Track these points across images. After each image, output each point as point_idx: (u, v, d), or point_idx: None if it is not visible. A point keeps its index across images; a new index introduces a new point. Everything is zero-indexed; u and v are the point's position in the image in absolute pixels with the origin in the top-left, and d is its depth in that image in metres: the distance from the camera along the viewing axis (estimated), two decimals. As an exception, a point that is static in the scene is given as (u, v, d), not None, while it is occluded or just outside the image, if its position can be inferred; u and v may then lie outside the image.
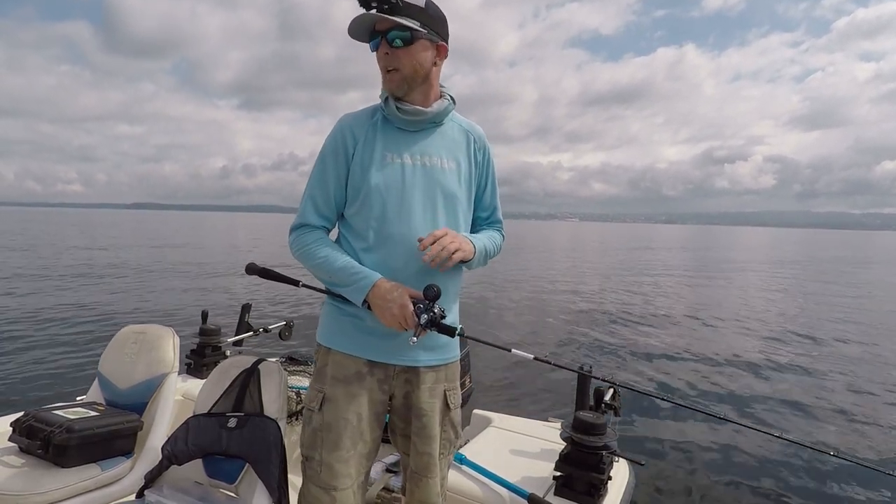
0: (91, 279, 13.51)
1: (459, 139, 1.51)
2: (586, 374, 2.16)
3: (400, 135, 1.44)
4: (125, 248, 25.06)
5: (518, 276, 17.46)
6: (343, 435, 1.39)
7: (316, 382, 1.48)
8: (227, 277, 14.84)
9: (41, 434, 1.87)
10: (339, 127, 1.45)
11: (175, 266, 17.39)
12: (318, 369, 1.48)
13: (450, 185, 1.46)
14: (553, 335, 8.95)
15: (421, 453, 1.48)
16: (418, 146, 1.44)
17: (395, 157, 1.42)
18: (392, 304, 1.30)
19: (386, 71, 1.38)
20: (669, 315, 11.02)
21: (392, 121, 1.44)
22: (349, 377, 1.42)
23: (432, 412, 1.47)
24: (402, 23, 1.31)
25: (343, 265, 1.38)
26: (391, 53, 1.35)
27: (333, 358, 1.45)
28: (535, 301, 12.45)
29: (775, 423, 4.95)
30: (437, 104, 1.45)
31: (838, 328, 10.09)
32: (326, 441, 1.40)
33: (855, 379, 6.63)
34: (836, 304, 13.22)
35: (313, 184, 1.46)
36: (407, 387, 1.47)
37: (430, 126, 1.47)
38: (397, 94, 1.41)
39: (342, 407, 1.41)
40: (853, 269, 26.08)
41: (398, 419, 1.52)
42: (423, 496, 1.50)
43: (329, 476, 1.38)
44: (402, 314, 1.30)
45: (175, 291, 12.10)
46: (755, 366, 7.17)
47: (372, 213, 1.40)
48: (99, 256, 19.84)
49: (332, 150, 1.44)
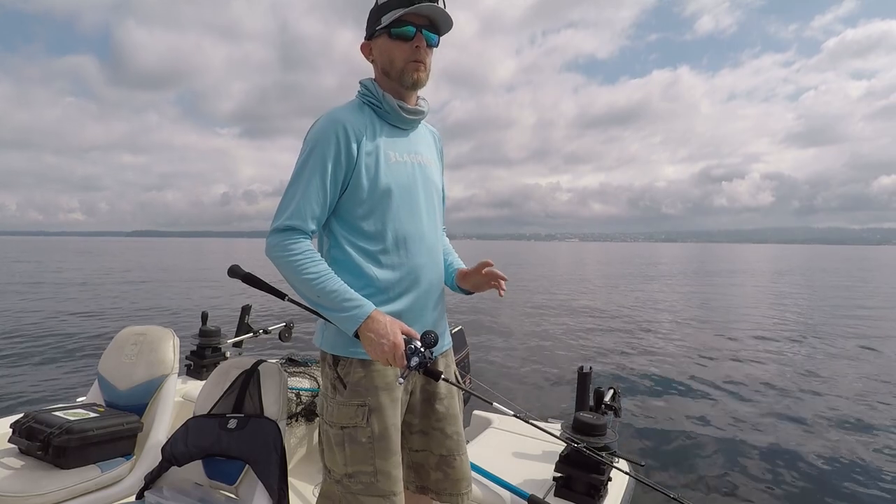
0: (90, 286, 13.52)
1: (429, 138, 1.58)
2: (586, 374, 2.16)
3: (397, 133, 1.44)
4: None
5: (518, 293, 17.47)
6: (396, 441, 1.40)
7: (354, 397, 1.38)
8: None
9: (41, 435, 1.87)
10: (338, 123, 1.34)
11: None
12: (355, 382, 1.38)
13: (437, 181, 1.54)
14: (553, 339, 8.95)
15: (450, 435, 1.53)
16: (412, 144, 1.47)
17: (399, 156, 1.41)
18: (385, 342, 1.24)
19: (412, 61, 1.37)
20: (671, 321, 11.01)
21: (387, 118, 1.42)
22: (390, 384, 1.40)
23: (451, 394, 1.55)
24: (445, 25, 1.39)
25: (336, 289, 1.28)
26: (427, 51, 1.39)
27: (374, 367, 1.39)
28: (534, 311, 12.44)
29: (775, 423, 4.95)
30: (425, 104, 1.49)
31: (848, 332, 10.09)
32: (381, 450, 1.37)
33: (860, 384, 6.63)
34: (843, 315, 13.21)
35: (306, 182, 1.32)
36: (423, 379, 1.51)
37: (416, 125, 1.50)
38: (418, 86, 1.42)
39: (390, 414, 1.39)
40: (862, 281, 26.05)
41: (414, 416, 1.53)
42: (460, 472, 1.53)
43: (388, 483, 1.37)
44: (393, 353, 1.24)
45: (175, 292, 12.10)
46: (755, 368, 7.17)
47: (388, 213, 1.38)
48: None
49: (333, 148, 1.32)
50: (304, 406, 2.46)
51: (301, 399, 2.45)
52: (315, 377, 2.59)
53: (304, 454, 2.57)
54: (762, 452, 4.32)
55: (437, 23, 1.38)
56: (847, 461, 4.18)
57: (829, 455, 4.29)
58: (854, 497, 3.66)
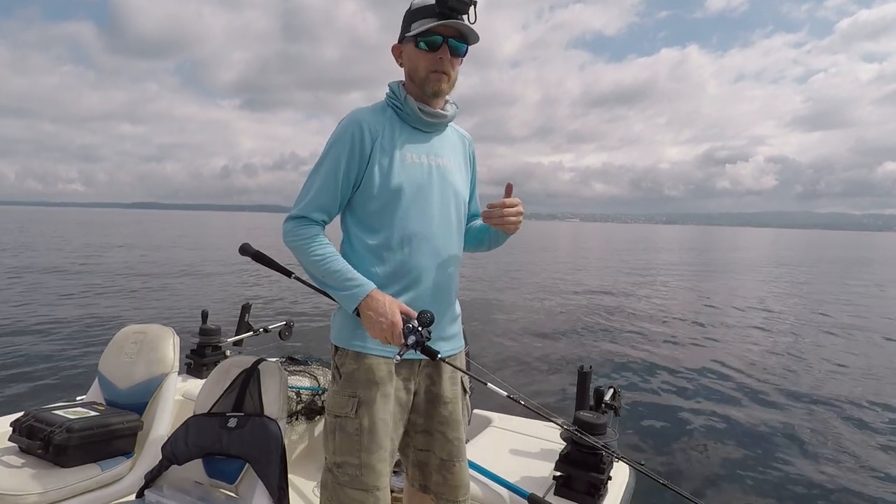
0: (92, 276, 13.52)
1: (458, 143, 1.61)
2: (586, 373, 2.16)
3: (417, 134, 1.49)
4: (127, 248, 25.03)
5: (517, 275, 17.47)
6: (382, 436, 1.42)
7: (346, 388, 1.44)
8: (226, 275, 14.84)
9: (41, 434, 1.87)
10: (356, 123, 1.42)
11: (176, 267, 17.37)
12: (349, 374, 1.45)
13: (458, 185, 1.55)
14: (553, 335, 8.95)
15: (451, 440, 1.54)
16: (433, 147, 1.51)
17: (416, 157, 1.46)
18: (383, 320, 1.31)
19: (434, 72, 1.42)
20: (671, 316, 11.02)
21: (407, 120, 1.48)
22: (382, 378, 1.44)
23: (456, 399, 1.56)
24: (473, 37, 1.42)
25: (340, 269, 1.38)
26: (451, 60, 1.43)
27: (367, 361, 1.44)
28: (535, 300, 12.45)
29: (774, 423, 4.95)
30: (451, 109, 1.54)
31: (846, 323, 10.10)
32: (366, 444, 1.40)
33: (861, 381, 6.64)
34: (841, 302, 13.22)
35: (320, 178, 1.43)
36: (428, 380, 1.53)
37: (440, 128, 1.54)
38: (440, 95, 1.47)
39: (380, 408, 1.42)
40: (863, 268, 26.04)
41: (418, 416, 1.55)
42: (458, 479, 1.55)
43: (372, 477, 1.40)
44: (391, 331, 1.31)
45: (175, 291, 12.10)
46: (756, 366, 7.17)
47: (397, 212, 1.43)
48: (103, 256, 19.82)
49: (348, 146, 1.41)
50: (305, 405, 2.46)
51: (301, 398, 2.45)
52: (315, 376, 2.60)
53: (305, 453, 2.57)
54: (763, 452, 4.32)
55: (465, 33, 1.42)
56: (849, 457, 4.19)
57: (830, 454, 4.30)
58: (858, 495, 3.66)
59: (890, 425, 5.01)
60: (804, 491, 3.72)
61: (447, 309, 1.53)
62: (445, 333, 1.53)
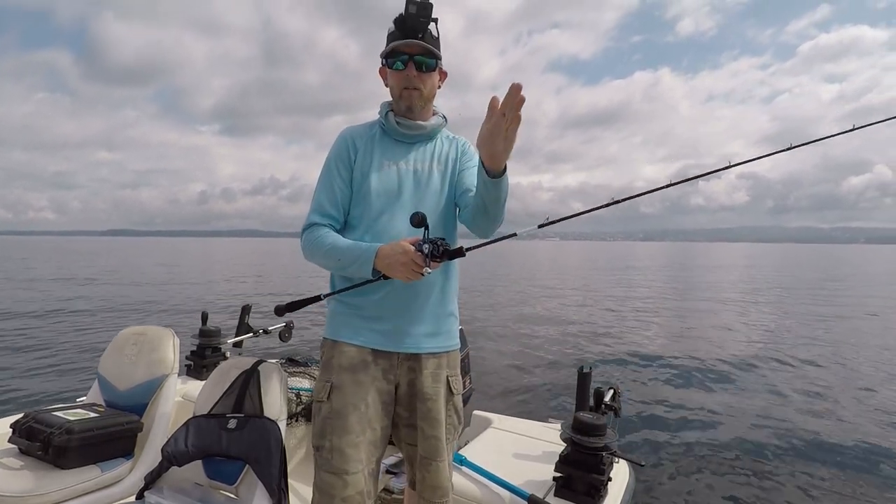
0: (87, 283, 13.51)
1: (448, 149, 1.66)
2: (586, 374, 2.16)
3: (397, 145, 1.61)
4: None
5: (508, 289, 17.48)
6: (352, 421, 1.45)
7: (323, 374, 1.55)
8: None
9: (41, 435, 1.87)
10: (343, 137, 1.61)
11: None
12: (325, 362, 1.56)
13: (435, 186, 1.60)
14: (552, 339, 8.95)
15: (429, 437, 1.53)
16: (412, 154, 1.61)
17: (390, 164, 1.57)
18: (396, 256, 1.37)
19: (405, 89, 1.53)
20: (671, 317, 11.02)
21: (390, 133, 1.61)
22: (355, 366, 1.50)
23: (437, 396, 1.55)
24: (436, 52, 1.51)
25: (348, 245, 1.47)
26: (419, 76, 1.52)
27: (339, 349, 1.53)
28: (535, 303, 12.45)
29: (774, 422, 4.95)
30: (434, 120, 1.63)
31: (835, 329, 10.11)
32: (336, 427, 1.45)
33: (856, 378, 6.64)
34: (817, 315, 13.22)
35: (320, 188, 1.59)
36: (411, 374, 1.54)
37: (425, 139, 1.63)
38: (413, 110, 1.56)
39: (350, 393, 1.48)
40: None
41: (403, 409, 1.57)
42: (435, 480, 1.54)
43: (341, 461, 1.42)
44: (408, 258, 1.36)
45: (175, 291, 12.08)
46: (753, 367, 7.17)
47: (369, 212, 1.54)
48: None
49: (337, 157, 1.58)
50: (305, 406, 2.46)
51: (301, 399, 2.45)
52: (315, 377, 2.60)
53: (305, 454, 2.57)
54: (763, 452, 4.32)
55: (429, 48, 1.50)
56: (849, 458, 4.19)
57: (831, 456, 4.30)
58: (858, 495, 3.66)
59: (890, 425, 5.01)
60: (804, 491, 3.72)
61: (424, 304, 1.54)
62: (427, 330, 1.55)
